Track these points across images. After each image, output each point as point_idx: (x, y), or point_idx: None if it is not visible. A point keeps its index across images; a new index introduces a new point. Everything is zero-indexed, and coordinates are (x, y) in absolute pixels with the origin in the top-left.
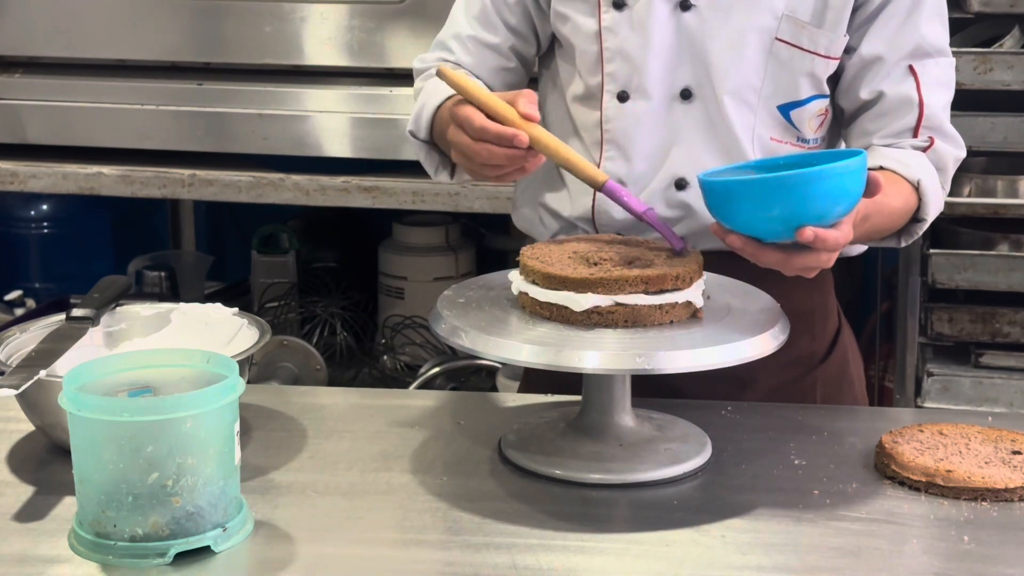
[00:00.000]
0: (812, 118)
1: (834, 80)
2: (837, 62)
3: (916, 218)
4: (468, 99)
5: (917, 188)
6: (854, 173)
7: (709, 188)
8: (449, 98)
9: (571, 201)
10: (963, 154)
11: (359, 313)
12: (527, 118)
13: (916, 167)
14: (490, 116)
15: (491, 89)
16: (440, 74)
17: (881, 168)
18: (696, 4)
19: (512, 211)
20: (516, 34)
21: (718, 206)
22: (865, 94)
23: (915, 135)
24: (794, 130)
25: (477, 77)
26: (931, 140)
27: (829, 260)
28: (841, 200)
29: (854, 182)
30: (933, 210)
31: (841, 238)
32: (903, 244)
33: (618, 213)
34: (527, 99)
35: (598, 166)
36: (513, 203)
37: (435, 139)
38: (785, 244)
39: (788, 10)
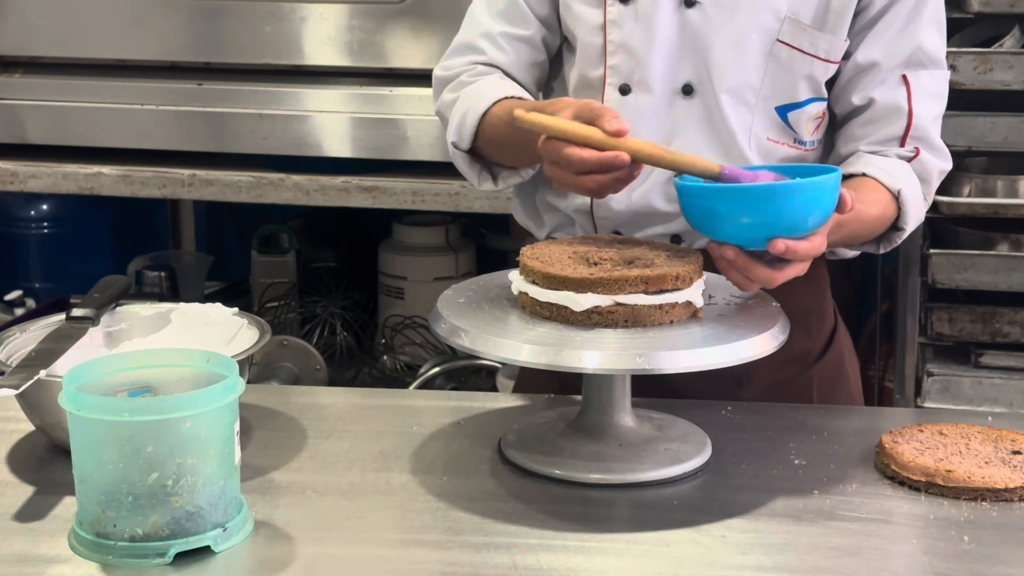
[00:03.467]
0: (809, 120)
1: (829, 84)
2: (836, 66)
3: (896, 227)
4: (552, 135)
5: (897, 197)
6: (828, 189)
7: (686, 192)
8: (494, 104)
9: (570, 194)
10: (948, 167)
11: (359, 313)
12: (616, 134)
13: (899, 176)
14: (580, 143)
15: (522, 86)
16: (516, 120)
17: (864, 175)
18: (701, 1)
19: (512, 206)
20: (546, 25)
21: (694, 211)
22: (856, 99)
23: (902, 144)
24: (791, 132)
25: (512, 75)
26: (917, 150)
27: (802, 269)
28: (813, 214)
29: (827, 198)
30: (913, 220)
31: (811, 249)
32: (882, 251)
33: (616, 204)
34: (610, 117)
35: None
36: (512, 198)
37: (479, 146)
38: (767, 259)
39: (791, 12)
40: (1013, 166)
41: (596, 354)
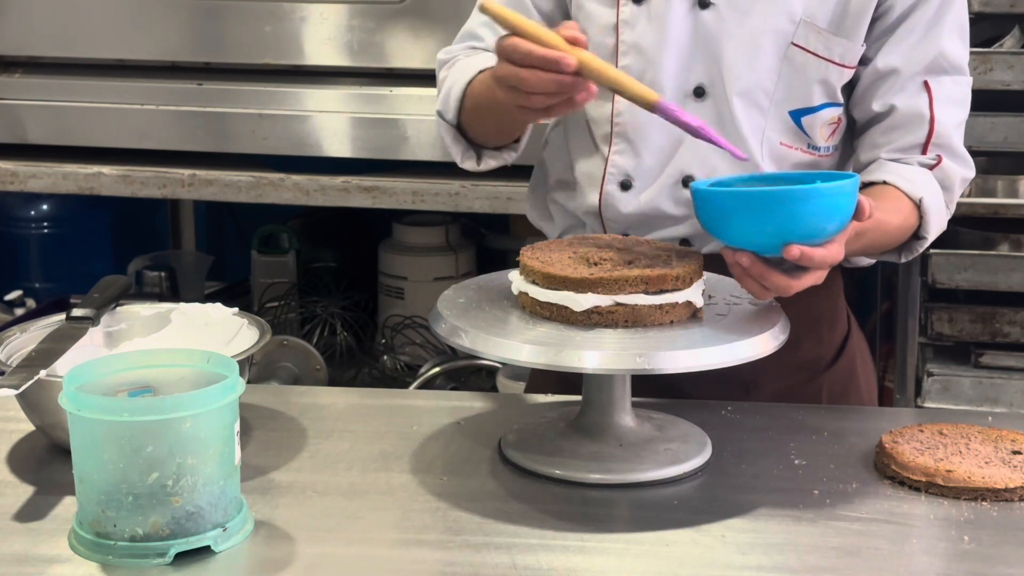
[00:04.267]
0: (824, 126)
1: (848, 90)
2: (852, 71)
3: (917, 235)
4: (513, 30)
5: (919, 206)
6: (844, 195)
7: (701, 197)
8: (479, 73)
9: (579, 196)
10: (971, 174)
11: (359, 313)
12: (573, 42)
13: (920, 184)
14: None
15: None
16: (482, 7)
17: (885, 183)
18: (715, 3)
19: (525, 207)
20: (548, 20)
21: (709, 215)
22: (877, 106)
23: (924, 152)
24: (805, 137)
25: None
26: (939, 158)
27: (819, 278)
28: (830, 220)
29: (844, 203)
30: (935, 229)
31: (828, 257)
32: (903, 260)
33: (625, 207)
34: (567, 25)
35: (606, 160)
36: (526, 199)
37: (463, 123)
38: (784, 267)
39: (806, 15)
40: (1013, 166)
41: (596, 354)
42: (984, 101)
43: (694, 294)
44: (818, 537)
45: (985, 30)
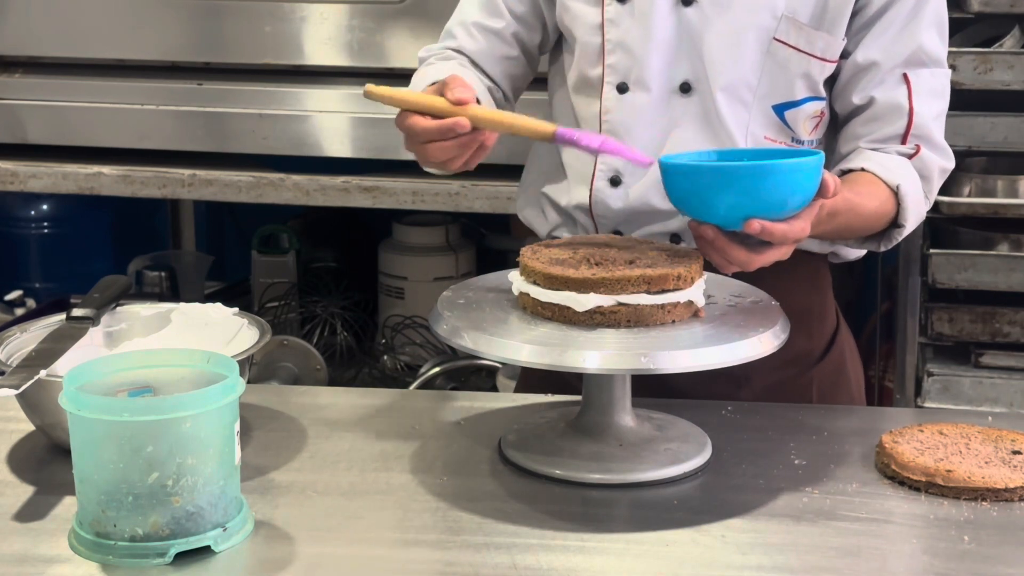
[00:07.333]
0: (807, 120)
1: (829, 83)
2: (834, 65)
3: (896, 223)
4: (401, 108)
5: (896, 193)
6: (807, 171)
7: (669, 171)
8: (432, 85)
9: (569, 191)
10: (950, 166)
11: (359, 313)
12: (458, 103)
13: (898, 172)
14: (428, 115)
15: (493, 80)
16: (367, 94)
17: (862, 169)
18: (698, 0)
19: (516, 204)
20: (520, 21)
21: (675, 189)
22: (857, 99)
23: (903, 142)
24: (788, 130)
25: (480, 66)
26: (917, 148)
27: (784, 253)
28: (792, 195)
29: (806, 179)
30: (912, 217)
31: (791, 232)
32: (882, 249)
33: (615, 203)
34: (451, 85)
35: (596, 157)
36: (517, 198)
37: None
38: (750, 242)
39: (788, 11)
40: (1013, 166)
41: (599, 354)
42: (984, 101)
43: (695, 293)
44: (818, 537)
45: (985, 30)
